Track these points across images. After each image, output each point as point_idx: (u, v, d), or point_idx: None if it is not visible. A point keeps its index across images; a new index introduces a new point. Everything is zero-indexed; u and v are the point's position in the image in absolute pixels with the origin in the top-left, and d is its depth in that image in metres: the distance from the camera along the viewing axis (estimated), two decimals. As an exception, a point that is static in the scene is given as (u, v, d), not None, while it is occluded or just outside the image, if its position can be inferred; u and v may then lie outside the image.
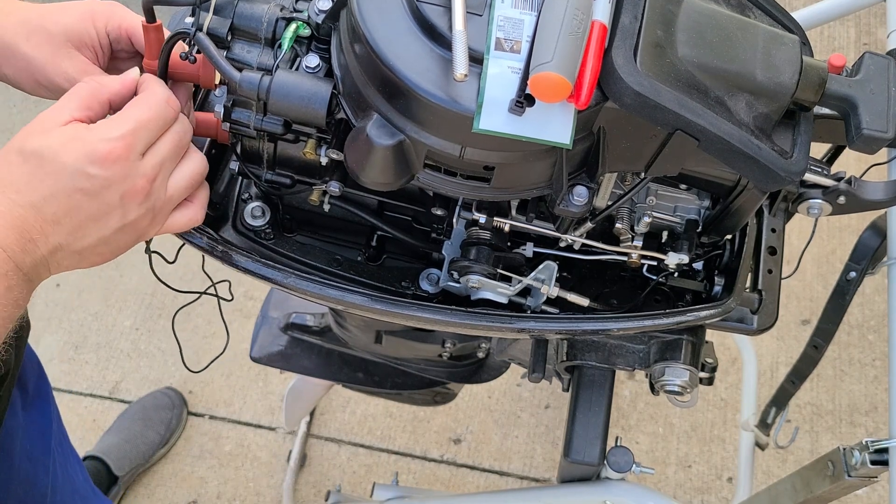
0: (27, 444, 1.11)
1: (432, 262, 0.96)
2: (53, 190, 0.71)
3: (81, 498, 1.26)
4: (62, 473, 1.19)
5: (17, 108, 2.52)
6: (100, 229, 0.74)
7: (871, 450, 0.93)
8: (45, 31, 0.81)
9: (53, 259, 0.73)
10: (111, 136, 0.72)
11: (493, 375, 1.40)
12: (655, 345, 0.99)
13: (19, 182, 0.71)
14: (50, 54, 0.81)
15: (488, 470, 2.01)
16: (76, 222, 0.72)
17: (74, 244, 0.73)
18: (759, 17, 0.80)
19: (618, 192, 0.86)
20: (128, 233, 0.76)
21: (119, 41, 0.85)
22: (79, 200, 0.72)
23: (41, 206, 0.71)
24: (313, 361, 1.41)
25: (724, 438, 2.01)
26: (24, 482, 1.09)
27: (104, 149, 0.71)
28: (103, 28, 0.84)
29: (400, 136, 0.72)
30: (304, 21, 0.79)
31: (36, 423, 1.14)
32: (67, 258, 0.74)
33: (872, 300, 2.14)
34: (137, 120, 0.73)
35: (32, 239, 0.71)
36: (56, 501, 1.16)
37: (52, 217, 0.71)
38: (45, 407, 1.17)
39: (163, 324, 2.18)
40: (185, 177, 0.78)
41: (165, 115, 0.75)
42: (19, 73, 0.83)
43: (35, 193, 0.71)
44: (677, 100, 0.70)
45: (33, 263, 0.72)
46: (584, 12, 0.68)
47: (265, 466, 2.02)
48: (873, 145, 0.75)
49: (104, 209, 0.73)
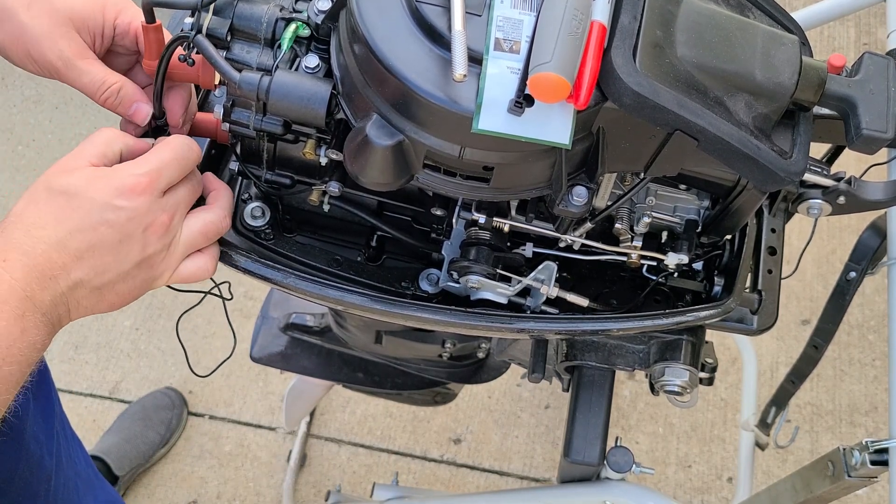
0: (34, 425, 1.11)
1: (432, 263, 0.96)
2: (80, 224, 0.73)
3: (84, 482, 1.26)
4: (65, 457, 1.19)
5: (17, 108, 2.52)
6: (120, 263, 0.75)
7: (871, 450, 0.93)
8: (48, 4, 0.80)
9: (73, 297, 0.74)
10: (137, 172, 0.75)
11: (493, 375, 1.40)
12: (655, 345, 0.99)
13: (46, 219, 0.73)
14: (47, 28, 0.80)
15: (488, 470, 2.01)
16: (98, 255, 0.73)
17: (95, 280, 0.74)
18: (758, 18, 0.79)
19: (617, 192, 0.86)
20: (144, 269, 0.77)
21: (124, 37, 0.84)
22: (103, 233, 0.73)
23: (66, 241, 0.72)
24: (313, 361, 1.41)
25: (724, 438, 2.01)
26: (31, 463, 1.09)
27: (131, 182, 0.74)
28: (112, 19, 0.83)
29: (399, 136, 0.72)
30: (304, 21, 0.79)
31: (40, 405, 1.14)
32: (87, 296, 0.75)
33: (872, 300, 2.14)
34: (161, 160, 0.76)
35: (54, 276, 0.72)
36: (59, 484, 1.16)
37: (76, 252, 0.72)
38: (47, 389, 1.17)
39: (163, 324, 2.18)
40: (200, 222, 0.80)
41: (187, 157, 0.78)
42: (11, 41, 0.81)
43: (61, 229, 0.72)
44: (676, 100, 0.70)
45: (52, 301, 0.72)
46: (583, 12, 0.68)
47: (265, 466, 2.02)
48: (873, 145, 0.75)
49: (126, 241, 0.74)
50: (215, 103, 0.91)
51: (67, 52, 0.80)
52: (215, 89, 0.86)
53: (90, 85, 0.81)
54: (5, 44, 0.81)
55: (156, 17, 0.79)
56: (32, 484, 1.10)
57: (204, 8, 0.77)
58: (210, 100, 0.93)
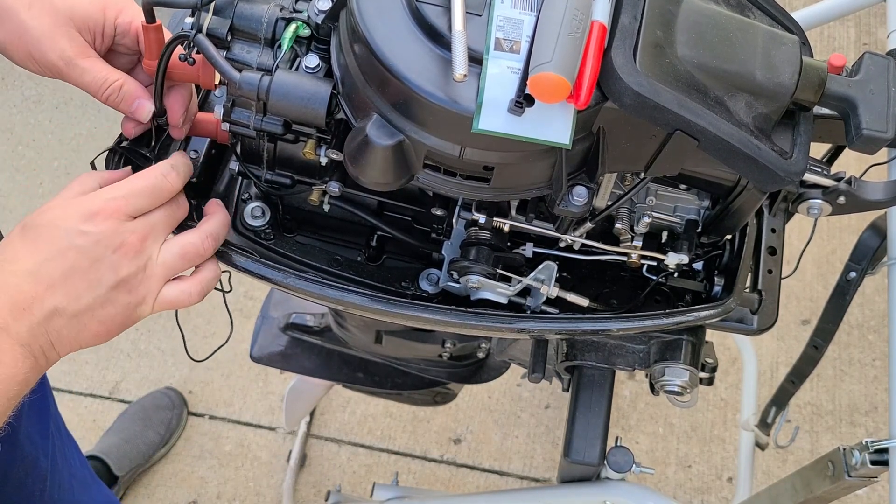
0: (29, 426, 1.11)
1: (432, 263, 0.96)
2: (49, 253, 0.73)
3: (79, 482, 1.26)
4: (60, 458, 1.19)
5: (17, 108, 2.52)
6: (93, 287, 0.75)
7: (871, 450, 0.93)
8: (49, 4, 0.80)
9: (51, 327, 0.74)
10: (104, 197, 0.76)
11: (493, 375, 1.40)
12: (655, 345, 0.99)
13: (17, 253, 0.74)
14: (49, 28, 0.79)
15: (488, 470, 2.01)
16: (70, 282, 0.74)
17: (70, 307, 0.74)
18: (758, 18, 0.79)
19: (618, 192, 0.86)
20: (122, 293, 0.76)
21: (125, 36, 0.84)
22: (72, 258, 0.74)
23: (38, 271, 0.73)
24: (313, 361, 1.41)
25: (724, 438, 2.01)
26: (25, 464, 1.09)
27: (96, 207, 0.75)
28: (113, 19, 0.83)
29: (399, 136, 0.72)
30: (304, 21, 0.79)
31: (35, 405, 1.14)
32: (66, 325, 0.74)
33: (872, 300, 2.14)
34: (131, 187, 0.78)
35: (27, 307, 0.72)
36: (55, 484, 1.16)
37: (48, 280, 0.73)
38: (42, 390, 1.17)
39: (163, 323, 2.18)
40: (178, 245, 0.80)
41: (160, 186, 0.79)
42: (12, 41, 0.81)
43: (31, 260, 0.73)
44: (677, 100, 0.70)
45: (30, 332, 0.72)
46: (583, 12, 0.68)
47: (265, 466, 2.02)
48: (873, 145, 0.75)
49: (96, 264, 0.74)
50: (215, 103, 0.91)
51: (69, 52, 0.80)
52: (215, 89, 0.85)
53: (92, 83, 0.81)
54: (6, 44, 0.81)
55: (156, 17, 0.79)
56: (27, 484, 1.10)
57: (204, 7, 0.77)
58: (210, 100, 0.93)
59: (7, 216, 2.34)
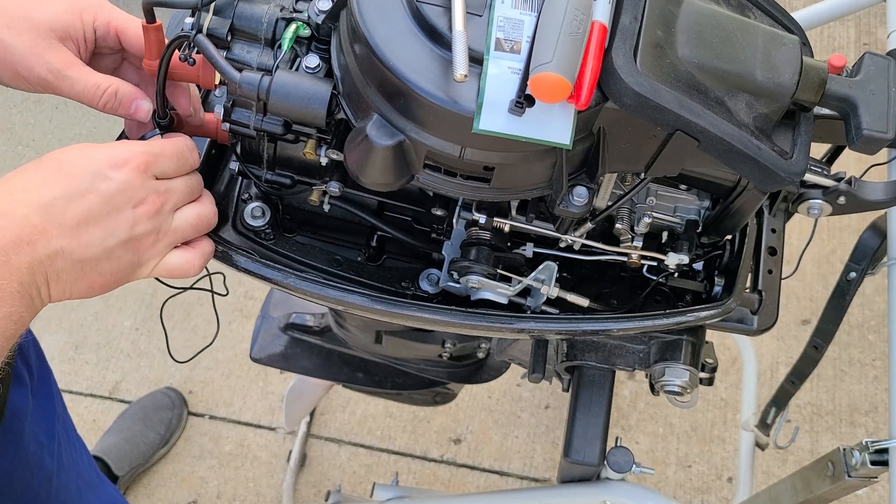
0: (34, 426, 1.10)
1: (432, 263, 0.96)
2: (68, 190, 0.70)
3: (86, 483, 1.25)
4: (67, 458, 1.19)
5: (17, 108, 2.52)
6: (106, 238, 0.72)
7: (871, 450, 0.93)
8: (27, 20, 0.79)
9: (52, 267, 0.70)
10: (133, 150, 0.74)
11: (493, 375, 1.40)
12: (655, 345, 0.99)
13: (31, 184, 0.70)
14: (31, 44, 0.78)
15: (488, 470, 2.01)
16: (84, 225, 0.71)
17: (77, 252, 0.71)
18: (759, 18, 0.79)
19: (618, 192, 0.86)
20: (130, 251, 0.75)
21: (106, 38, 0.83)
22: (92, 201, 0.71)
23: (51, 205, 0.69)
24: (313, 361, 1.41)
25: (724, 438, 2.01)
26: (30, 465, 1.09)
27: (124, 156, 0.73)
28: (91, 22, 0.82)
29: (400, 136, 0.72)
30: (304, 21, 0.79)
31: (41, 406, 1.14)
32: (67, 269, 0.71)
33: (872, 300, 2.14)
34: (161, 147, 0.77)
35: (32, 241, 0.68)
36: (61, 485, 1.15)
37: (59, 217, 0.70)
38: (48, 390, 1.16)
39: (163, 324, 2.18)
40: (194, 214, 0.79)
41: (184, 156, 0.78)
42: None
43: (47, 193, 0.70)
44: (677, 100, 0.70)
45: (30, 268, 0.68)
46: (584, 13, 0.68)
47: (265, 466, 2.02)
48: (873, 146, 0.75)
49: (115, 214, 0.72)
50: (215, 103, 0.91)
51: (56, 64, 0.79)
52: (215, 89, 0.85)
53: (85, 92, 0.80)
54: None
55: (156, 17, 0.79)
56: (33, 485, 1.10)
57: (204, 7, 0.77)
58: (210, 100, 0.93)
59: (7, 216, 2.33)
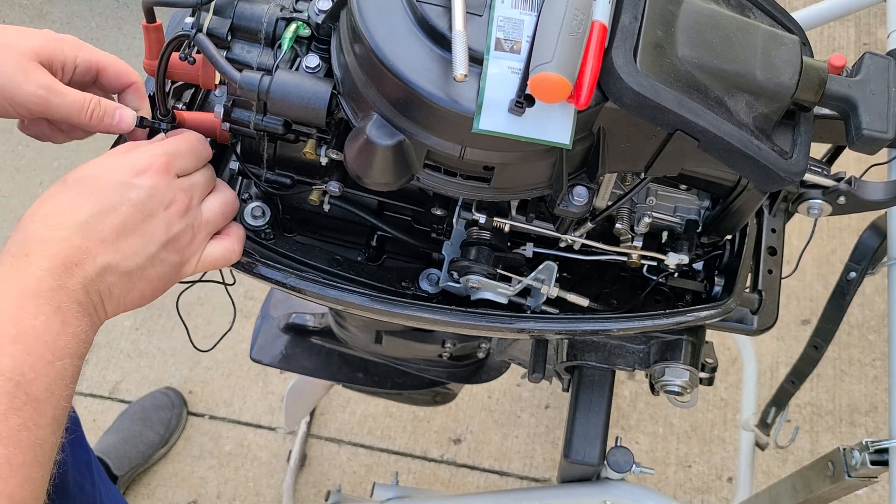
0: (77, 475, 1.10)
1: (432, 263, 0.96)
2: (100, 206, 0.71)
3: None
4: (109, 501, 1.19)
5: (17, 107, 2.52)
6: (146, 244, 0.73)
7: (871, 450, 0.93)
8: (11, 49, 0.79)
9: (103, 283, 0.71)
10: (151, 153, 0.75)
11: (493, 375, 1.40)
12: (655, 345, 0.99)
13: (62, 207, 0.71)
14: (17, 65, 0.78)
15: (488, 470, 2.01)
16: (124, 237, 0.72)
17: (123, 264, 0.72)
18: (758, 18, 0.79)
19: (618, 192, 0.86)
20: (172, 252, 0.75)
21: (86, 73, 0.84)
22: (125, 213, 0.72)
23: (88, 224, 0.70)
24: (313, 361, 1.41)
25: (724, 438, 2.01)
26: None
27: (145, 161, 0.74)
28: (73, 56, 0.82)
29: (400, 136, 0.72)
30: (304, 21, 0.79)
31: (78, 454, 1.13)
32: (117, 283, 0.72)
33: (872, 300, 2.14)
34: (177, 146, 0.77)
35: (80, 262, 0.69)
36: None
37: (99, 234, 0.70)
38: (79, 434, 1.16)
39: (163, 323, 2.18)
40: (219, 203, 0.80)
41: (199, 150, 0.79)
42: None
43: (81, 213, 0.71)
44: (677, 100, 0.70)
45: (84, 288, 0.69)
46: (584, 12, 0.68)
47: (265, 466, 2.02)
48: (873, 146, 0.75)
49: (150, 219, 0.73)
50: (216, 103, 0.91)
51: (46, 80, 0.79)
52: (215, 89, 0.85)
53: (73, 105, 0.80)
54: None
55: (156, 17, 0.79)
56: None
57: (204, 7, 0.77)
58: (210, 100, 0.93)
59: (7, 216, 2.34)
